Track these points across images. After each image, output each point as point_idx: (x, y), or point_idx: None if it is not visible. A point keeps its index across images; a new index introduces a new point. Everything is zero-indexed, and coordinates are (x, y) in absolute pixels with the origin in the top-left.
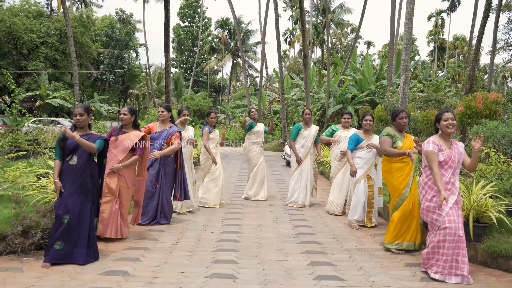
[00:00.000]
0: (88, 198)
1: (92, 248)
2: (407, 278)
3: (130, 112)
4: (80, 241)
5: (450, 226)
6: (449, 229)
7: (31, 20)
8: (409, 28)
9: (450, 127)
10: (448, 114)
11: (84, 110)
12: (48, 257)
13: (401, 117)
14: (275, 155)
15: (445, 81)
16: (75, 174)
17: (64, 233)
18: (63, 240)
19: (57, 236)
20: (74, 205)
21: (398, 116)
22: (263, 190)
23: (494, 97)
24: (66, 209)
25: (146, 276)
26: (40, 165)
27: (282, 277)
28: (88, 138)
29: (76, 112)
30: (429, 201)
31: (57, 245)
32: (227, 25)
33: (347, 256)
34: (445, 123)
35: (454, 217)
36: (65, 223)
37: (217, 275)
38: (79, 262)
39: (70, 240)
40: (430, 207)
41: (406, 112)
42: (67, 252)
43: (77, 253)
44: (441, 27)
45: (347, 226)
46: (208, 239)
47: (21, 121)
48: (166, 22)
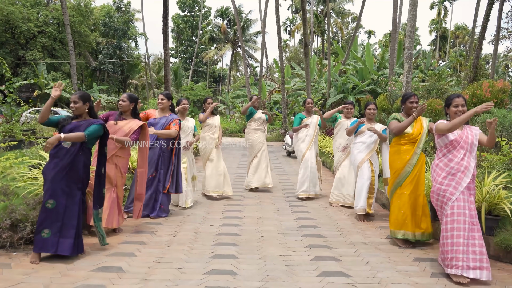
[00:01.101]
0: (78, 187)
1: (78, 239)
2: (417, 274)
3: (129, 99)
4: (67, 231)
5: (458, 212)
6: (457, 215)
7: (29, 9)
8: (413, 15)
9: (460, 114)
10: (459, 100)
11: (79, 98)
12: (36, 247)
13: (411, 101)
14: (275, 145)
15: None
16: (67, 158)
17: (50, 220)
18: (49, 227)
19: (44, 223)
20: (61, 191)
21: (408, 99)
22: (268, 177)
23: (501, 86)
24: (53, 194)
25: (141, 273)
26: (32, 156)
27: (284, 273)
28: (84, 122)
29: (71, 99)
30: (439, 183)
31: (45, 233)
32: (227, 14)
33: (352, 250)
34: (454, 109)
35: (463, 203)
36: (49, 208)
37: (216, 271)
38: (65, 253)
39: (56, 228)
40: (441, 189)
41: (417, 96)
42: (53, 241)
43: (63, 244)
44: (444, 16)
45: (351, 218)
46: (207, 232)
47: (15, 111)
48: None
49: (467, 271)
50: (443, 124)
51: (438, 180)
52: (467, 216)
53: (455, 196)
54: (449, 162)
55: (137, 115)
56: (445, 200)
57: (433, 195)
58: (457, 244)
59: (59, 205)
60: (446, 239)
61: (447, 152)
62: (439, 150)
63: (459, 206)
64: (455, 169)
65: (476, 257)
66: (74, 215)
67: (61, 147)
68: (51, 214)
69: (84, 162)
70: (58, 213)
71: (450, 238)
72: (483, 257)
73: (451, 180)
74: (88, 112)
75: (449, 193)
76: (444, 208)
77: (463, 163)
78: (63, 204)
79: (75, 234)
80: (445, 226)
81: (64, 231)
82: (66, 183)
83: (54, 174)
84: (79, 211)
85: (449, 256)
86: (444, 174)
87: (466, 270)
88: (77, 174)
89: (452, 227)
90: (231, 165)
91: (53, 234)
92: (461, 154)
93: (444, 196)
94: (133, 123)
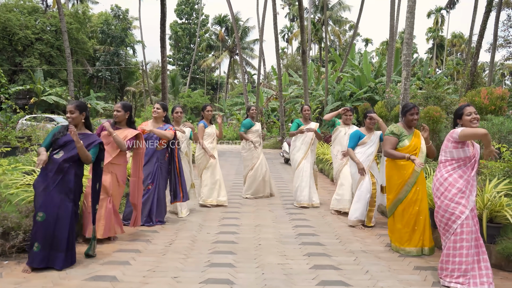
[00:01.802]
0: (70, 198)
1: (70, 251)
2: (418, 283)
3: (124, 108)
4: (58, 244)
5: (468, 231)
6: (466, 234)
7: (26, 16)
8: (410, 22)
9: (475, 121)
10: (471, 108)
11: (75, 108)
12: (28, 260)
13: (412, 113)
14: (273, 153)
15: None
16: (58, 168)
17: (40, 233)
18: (39, 241)
19: (34, 236)
20: (52, 203)
21: (409, 111)
22: (267, 187)
23: (499, 93)
24: (43, 206)
25: (135, 282)
26: (26, 162)
27: (283, 282)
28: (83, 138)
29: (67, 109)
30: (449, 200)
31: (35, 247)
32: (225, 22)
33: (352, 259)
34: (468, 117)
35: (472, 220)
36: (39, 221)
37: (213, 280)
38: (56, 267)
39: (47, 241)
40: (450, 206)
41: (418, 108)
42: (44, 255)
43: (55, 257)
44: (441, 25)
45: (350, 226)
46: (204, 240)
47: (11, 117)
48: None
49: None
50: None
51: (448, 196)
52: (474, 233)
53: (465, 214)
54: (459, 178)
55: (133, 124)
56: (454, 218)
57: (439, 211)
58: (466, 263)
59: (49, 217)
60: (454, 257)
61: (458, 167)
62: (448, 163)
63: (468, 224)
64: (464, 186)
65: (482, 273)
66: (65, 227)
67: (53, 159)
68: (39, 227)
69: (75, 173)
70: (48, 225)
71: (458, 257)
72: (489, 272)
73: (461, 198)
74: (84, 122)
75: (459, 211)
76: (452, 226)
77: (470, 181)
78: (54, 216)
79: (66, 247)
80: (453, 244)
81: (55, 244)
82: (57, 194)
83: (45, 187)
84: (71, 223)
85: (455, 274)
86: (454, 190)
87: (473, 287)
88: (68, 186)
89: (461, 245)
90: (228, 172)
91: (43, 248)
92: (469, 171)
93: (452, 214)
94: (127, 132)
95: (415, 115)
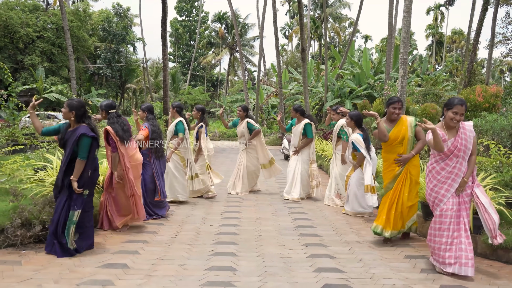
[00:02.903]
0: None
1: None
2: (407, 270)
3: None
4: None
5: (445, 215)
6: (444, 217)
7: (27, 14)
8: (407, 21)
9: (454, 121)
10: (460, 108)
11: (66, 105)
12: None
13: (394, 106)
14: (273, 149)
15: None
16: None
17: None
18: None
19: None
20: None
21: (392, 104)
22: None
23: (493, 91)
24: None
25: (145, 269)
26: (37, 159)
27: (282, 269)
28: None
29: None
30: (430, 190)
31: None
32: (225, 19)
33: (346, 249)
34: (452, 115)
35: (452, 205)
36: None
37: (217, 268)
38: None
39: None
40: (431, 195)
41: (403, 102)
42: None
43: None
44: (440, 21)
45: (346, 219)
46: (207, 232)
47: (17, 115)
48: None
49: (453, 267)
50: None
51: (430, 186)
52: (459, 217)
53: (446, 198)
54: (441, 170)
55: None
56: (437, 201)
57: (427, 195)
58: (451, 243)
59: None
60: (434, 236)
61: (440, 160)
62: (432, 155)
63: (447, 209)
64: (445, 177)
65: (461, 254)
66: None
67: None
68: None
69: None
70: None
71: (438, 237)
72: (468, 254)
73: (440, 188)
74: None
75: (441, 195)
76: (436, 208)
77: (454, 171)
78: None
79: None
80: (433, 225)
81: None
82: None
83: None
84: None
85: (441, 253)
86: (435, 181)
87: (451, 266)
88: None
89: (441, 227)
90: (228, 168)
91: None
92: (453, 162)
93: (436, 198)
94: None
95: (397, 109)
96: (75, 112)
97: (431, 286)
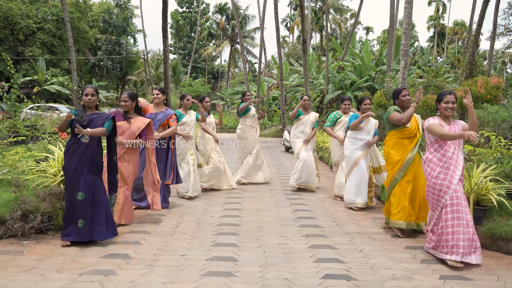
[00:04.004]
0: (99, 176)
1: (110, 224)
2: (407, 260)
3: (131, 98)
4: (98, 218)
5: (457, 203)
6: (456, 205)
7: (27, 5)
8: (408, 12)
9: (449, 110)
10: (450, 97)
11: (95, 91)
12: (70, 236)
13: (404, 94)
14: (274, 141)
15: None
16: (87, 152)
17: (82, 210)
18: (83, 217)
19: (77, 214)
20: (86, 183)
21: (400, 93)
22: (262, 172)
23: (495, 82)
24: (79, 186)
25: (147, 259)
26: (39, 150)
27: (282, 259)
28: (96, 117)
29: (87, 92)
30: (435, 178)
31: (80, 223)
32: (225, 10)
33: (347, 240)
34: (444, 105)
35: (460, 193)
36: (79, 200)
37: (218, 258)
38: (100, 238)
39: (87, 217)
40: (437, 184)
41: (407, 90)
42: (88, 229)
43: (97, 230)
44: (442, 12)
45: (347, 210)
46: (208, 223)
47: (19, 107)
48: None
49: (467, 256)
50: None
51: (434, 175)
52: (463, 206)
53: (451, 188)
54: (442, 157)
55: (140, 111)
56: (442, 193)
57: (429, 189)
58: (458, 232)
59: (88, 196)
60: (446, 228)
61: (439, 147)
62: (430, 145)
63: (458, 196)
64: (448, 163)
65: (471, 244)
66: (101, 203)
67: (81, 143)
68: (81, 205)
69: (100, 154)
70: (86, 203)
71: (451, 227)
72: (477, 243)
73: (446, 174)
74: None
75: (446, 187)
76: (441, 200)
77: (454, 157)
78: (90, 195)
79: (106, 220)
80: (445, 216)
81: (94, 219)
82: (90, 174)
83: (80, 168)
84: (106, 198)
85: (449, 244)
86: (438, 169)
87: (466, 256)
88: (98, 165)
89: (452, 216)
90: (230, 160)
91: (86, 224)
92: (452, 149)
93: (441, 190)
94: (139, 122)
95: (407, 96)
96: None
97: (431, 276)
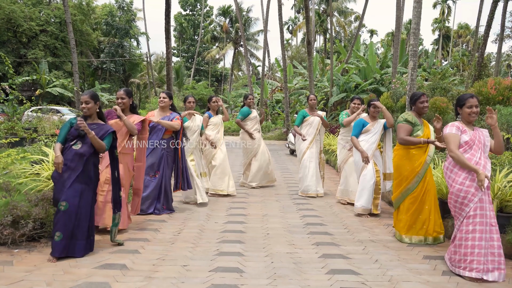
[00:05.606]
0: (90, 187)
1: (89, 238)
2: (428, 272)
3: (128, 95)
4: (80, 232)
5: (481, 214)
6: (479, 217)
7: (30, 7)
8: (417, 11)
9: (473, 115)
10: (473, 101)
11: (90, 98)
12: (52, 250)
13: (422, 100)
14: (278, 144)
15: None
16: (78, 160)
17: (62, 223)
18: (61, 230)
19: (56, 226)
20: (74, 193)
21: (419, 99)
22: (268, 174)
23: (507, 83)
24: (65, 196)
25: (145, 270)
26: (34, 152)
27: (292, 271)
28: (96, 128)
29: (82, 100)
30: (459, 184)
31: (57, 236)
32: (229, 13)
33: (360, 248)
34: (468, 110)
35: (486, 204)
36: (62, 210)
37: (222, 269)
38: (77, 255)
39: (68, 230)
40: (462, 190)
41: (427, 95)
42: (65, 244)
43: (76, 246)
44: (447, 15)
45: (357, 215)
46: (212, 229)
47: (17, 108)
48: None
49: (487, 273)
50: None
51: (458, 181)
52: (487, 218)
53: (477, 197)
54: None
55: (135, 109)
56: (466, 201)
57: (452, 196)
58: (479, 246)
59: (72, 207)
60: (466, 240)
61: (464, 152)
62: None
63: (482, 207)
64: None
65: (494, 259)
66: (86, 216)
67: (71, 150)
68: (61, 216)
69: (94, 163)
70: (70, 215)
71: (471, 240)
72: (501, 259)
73: (472, 180)
74: (98, 112)
75: (471, 194)
76: (464, 209)
77: (481, 163)
78: (75, 206)
79: (87, 235)
80: (465, 227)
81: (76, 233)
82: (78, 184)
83: (66, 177)
84: (91, 212)
85: (468, 259)
86: (464, 174)
87: (485, 272)
88: (89, 175)
89: (474, 229)
90: (234, 163)
91: (64, 237)
92: (478, 154)
93: (465, 198)
94: (134, 118)
95: (425, 102)
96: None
97: None
